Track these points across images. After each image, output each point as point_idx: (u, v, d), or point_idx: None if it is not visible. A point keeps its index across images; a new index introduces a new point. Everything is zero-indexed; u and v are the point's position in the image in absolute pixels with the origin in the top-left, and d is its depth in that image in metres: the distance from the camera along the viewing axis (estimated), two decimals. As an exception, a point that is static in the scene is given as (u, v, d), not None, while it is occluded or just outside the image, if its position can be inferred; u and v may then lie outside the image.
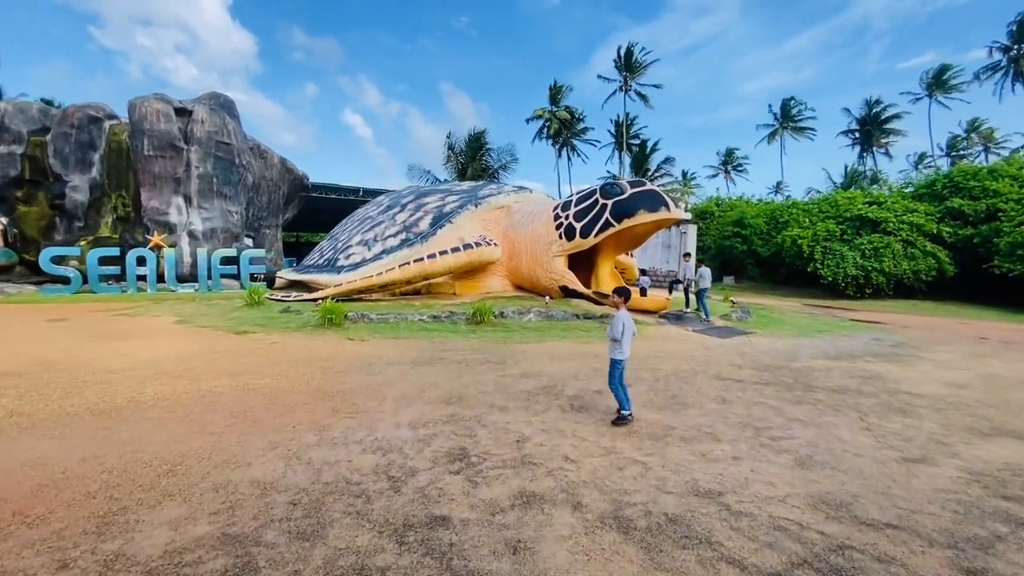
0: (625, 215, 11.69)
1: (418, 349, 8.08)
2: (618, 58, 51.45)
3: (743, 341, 9.70)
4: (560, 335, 9.59)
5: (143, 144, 16.95)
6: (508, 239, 14.49)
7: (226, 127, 18.57)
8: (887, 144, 53.52)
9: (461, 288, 14.38)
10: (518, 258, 14.21)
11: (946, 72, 53.24)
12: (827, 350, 9.14)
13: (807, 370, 7.40)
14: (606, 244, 13.07)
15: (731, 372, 7.11)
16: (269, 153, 22.52)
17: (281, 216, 25.00)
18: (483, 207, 14.74)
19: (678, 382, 6.44)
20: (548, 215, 13.44)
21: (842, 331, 11.71)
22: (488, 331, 9.74)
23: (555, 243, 12.97)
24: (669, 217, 11.46)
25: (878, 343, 10.16)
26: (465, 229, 14.34)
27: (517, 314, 11.04)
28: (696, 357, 8.08)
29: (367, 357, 7.41)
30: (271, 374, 6.28)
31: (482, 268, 14.43)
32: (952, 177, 23.07)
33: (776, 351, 8.83)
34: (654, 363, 7.55)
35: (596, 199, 12.35)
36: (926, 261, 20.42)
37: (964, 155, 57.25)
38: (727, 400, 5.68)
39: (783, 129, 58.97)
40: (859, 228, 21.98)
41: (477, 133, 35.72)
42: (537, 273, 13.56)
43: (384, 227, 15.34)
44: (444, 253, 12.73)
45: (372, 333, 9.34)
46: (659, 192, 11.70)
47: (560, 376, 6.54)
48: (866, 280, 20.68)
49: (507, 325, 10.31)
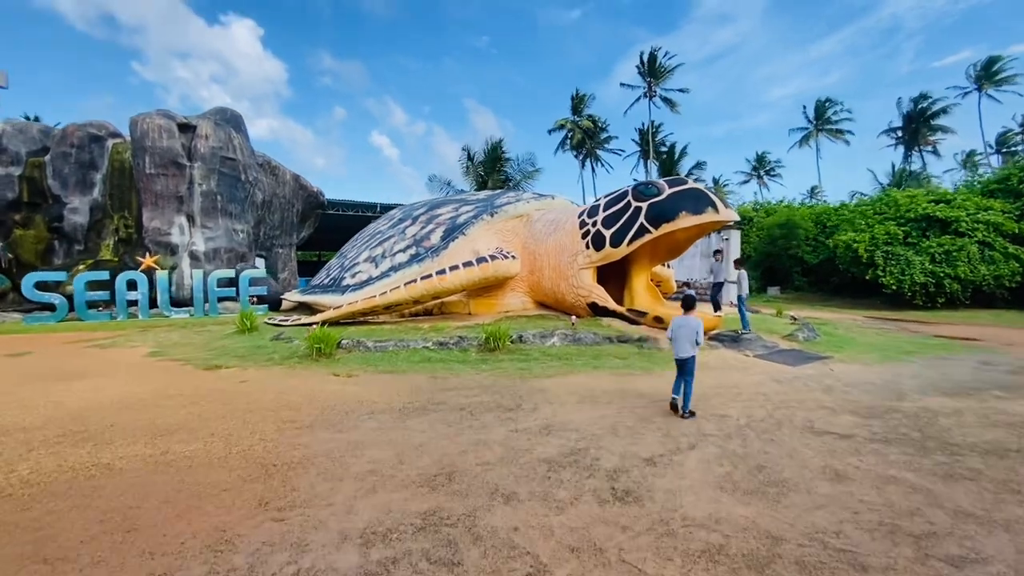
0: (663, 219, 9.96)
1: (414, 389, 6.49)
2: (641, 64, 49.92)
3: (821, 370, 7.78)
4: (590, 365, 7.88)
5: (145, 162, 16.15)
6: (528, 251, 12.91)
7: (231, 142, 17.69)
8: (935, 142, 50.05)
9: (476, 307, 12.82)
10: (540, 272, 12.58)
11: (996, 63, 49.88)
12: (935, 381, 7.15)
13: (928, 415, 5.49)
14: (641, 254, 11.33)
15: (826, 420, 5.27)
16: (281, 169, 21.67)
17: (296, 235, 24.09)
18: (499, 216, 13.22)
19: (759, 440, 4.65)
20: (573, 223, 11.81)
21: (935, 352, 9.61)
22: (503, 361, 8.11)
23: (581, 254, 11.30)
24: (718, 220, 9.65)
25: (992, 369, 8.08)
26: (480, 241, 12.83)
27: (538, 338, 9.39)
28: (770, 395, 6.24)
29: (347, 402, 5.87)
30: (209, 433, 4.78)
31: (500, 284, 12.86)
32: (1029, 170, 20.43)
33: (870, 385, 6.90)
34: (717, 406, 5.76)
35: (628, 202, 10.66)
36: (1008, 265, 17.84)
37: (1015, 151, 53.13)
38: (841, 474, 3.88)
39: (817, 132, 56.12)
40: (925, 230, 19.52)
41: (494, 143, 34.43)
42: (561, 289, 11.90)
43: (393, 242, 14.01)
44: (455, 268, 11.21)
45: (364, 366, 7.83)
46: (703, 190, 9.93)
47: (592, 432, 4.84)
48: (937, 288, 18.19)
49: (526, 352, 8.65)
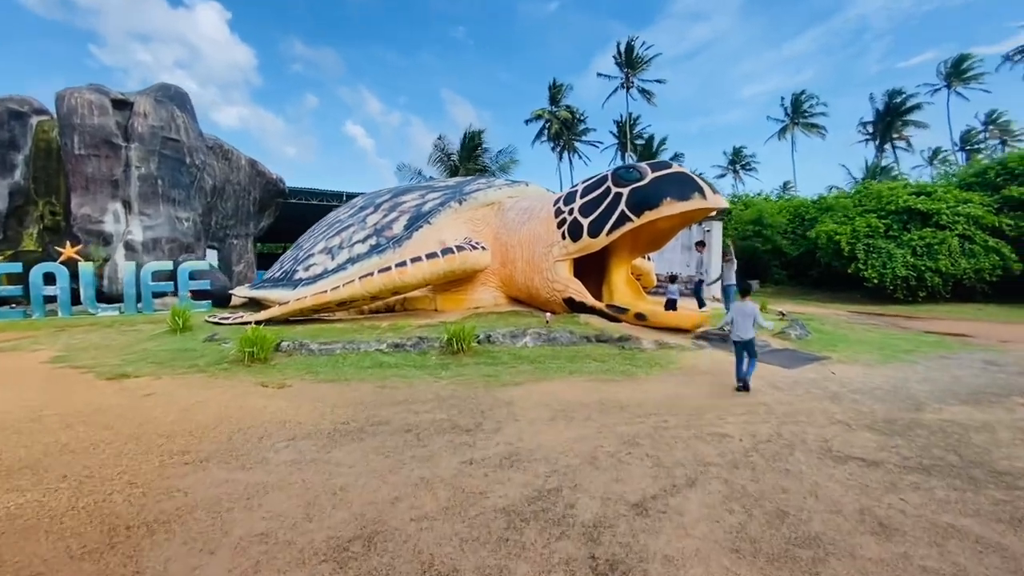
0: (646, 206, 9.05)
1: (354, 403, 5.41)
2: (618, 54, 49.17)
3: (822, 372, 6.98)
4: (565, 369, 6.91)
5: (73, 141, 14.46)
6: (500, 242, 11.89)
7: (175, 121, 16.07)
8: (908, 137, 50.79)
9: (444, 303, 11.74)
10: (512, 265, 11.58)
11: (965, 61, 50.86)
12: (947, 386, 6.41)
13: (957, 431, 4.68)
14: (621, 245, 10.45)
15: (844, 439, 4.40)
16: (234, 153, 20.07)
17: (254, 225, 22.51)
18: (469, 204, 12.13)
19: (772, 470, 3.74)
20: (548, 211, 10.83)
21: (932, 350, 8.97)
22: (467, 365, 7.08)
23: (557, 245, 10.34)
24: (706, 207, 8.78)
25: (1000, 370, 7.42)
26: (447, 231, 11.74)
27: (509, 338, 8.39)
28: (772, 406, 5.38)
29: (266, 423, 4.76)
30: (62, 474, 3.62)
31: (469, 278, 11.81)
32: (1006, 164, 20.30)
33: (879, 391, 6.11)
34: (714, 421, 4.86)
35: (608, 187, 9.72)
36: (989, 258, 17.59)
37: (979, 149, 54.39)
38: (886, 523, 2.98)
39: (794, 125, 56.34)
40: (906, 222, 19.17)
41: (473, 132, 33.09)
42: (535, 283, 10.93)
43: (352, 231, 12.79)
44: (417, 261, 10.10)
45: (303, 373, 6.70)
46: (690, 174, 9.04)
47: (567, 462, 3.86)
48: (919, 282, 17.86)
49: (494, 354, 7.64)
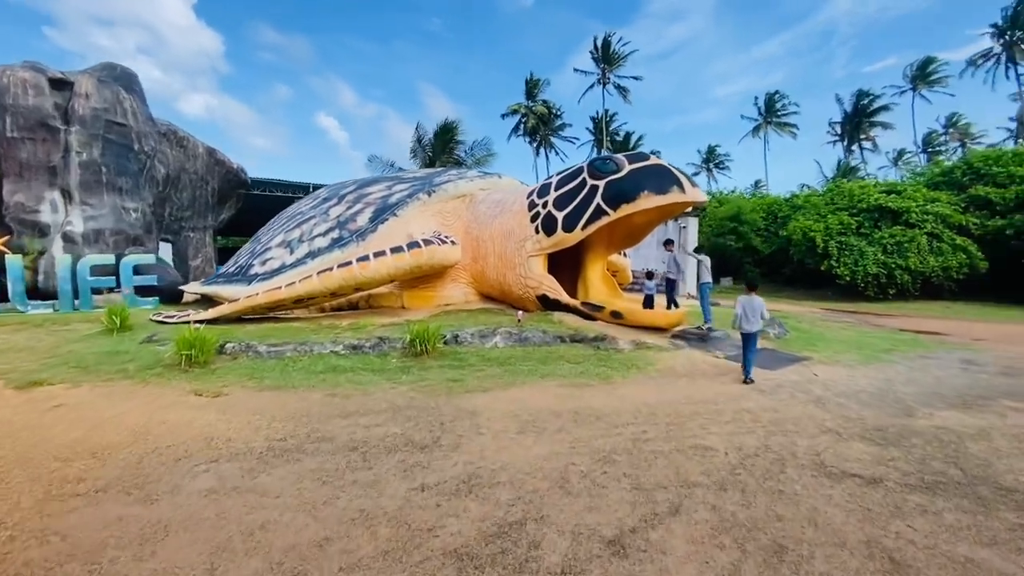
0: (623, 199, 8.63)
1: (298, 415, 4.80)
2: (595, 49, 48.87)
3: (804, 374, 6.67)
4: (537, 373, 6.42)
5: (6, 123, 13.23)
6: (471, 236, 11.33)
7: (121, 104, 14.93)
8: (874, 137, 52.06)
9: (411, 300, 11.12)
10: (484, 260, 11.04)
11: (930, 64, 52.24)
12: (932, 388, 6.17)
13: (952, 439, 4.37)
14: (596, 240, 10.03)
15: (837, 452, 4.03)
16: (191, 141, 18.91)
17: (213, 216, 21.35)
18: (438, 196, 11.52)
19: (763, 492, 3.32)
20: (521, 204, 10.32)
21: (910, 349, 8.81)
22: (430, 368, 6.52)
23: (530, 239, 9.84)
24: (684, 201, 8.41)
25: (981, 370, 7.26)
26: (415, 224, 11.11)
27: (478, 338, 7.85)
28: (757, 414, 4.99)
29: (189, 441, 4.12)
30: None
31: (438, 274, 11.22)
32: (971, 163, 20.72)
33: (865, 394, 5.81)
34: (696, 432, 4.43)
35: (583, 179, 9.27)
36: (956, 256, 17.88)
37: (940, 151, 56.22)
38: (896, 558, 2.58)
39: (767, 124, 57.11)
40: (877, 220, 19.38)
41: (447, 123, 32.25)
42: (508, 279, 10.42)
43: (313, 224, 12.04)
44: (380, 255, 9.46)
45: (245, 379, 6.03)
46: (668, 167, 8.65)
47: (534, 486, 3.36)
48: (889, 279, 18.04)
49: (461, 356, 7.10)
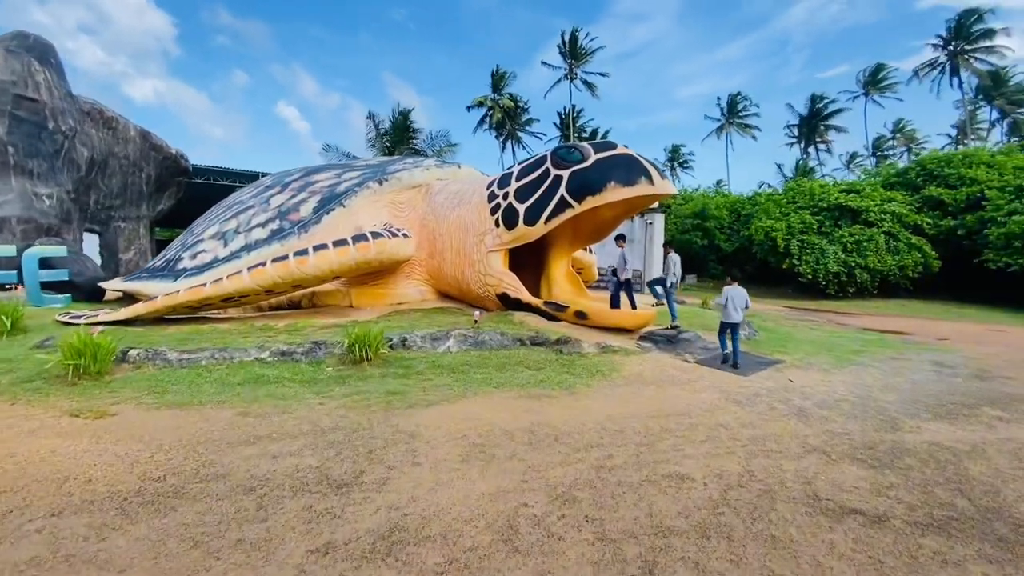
0: (588, 191, 8.01)
1: (193, 441, 3.93)
2: (563, 43, 48.35)
3: (780, 381, 6.20)
4: (492, 381, 5.71)
5: None
6: (427, 229, 10.51)
7: (33, 77, 13.28)
8: (829, 141, 53.71)
9: (360, 298, 10.21)
10: (441, 256, 10.25)
11: (882, 71, 54.17)
12: (911, 395, 5.80)
13: (949, 459, 3.92)
14: (561, 235, 9.42)
15: (831, 479, 3.49)
16: (120, 122, 17.23)
17: (148, 206, 19.64)
18: (391, 185, 10.63)
19: (754, 540, 2.71)
20: (480, 195, 9.58)
21: (880, 351, 8.57)
22: (371, 378, 5.71)
23: (490, 233, 9.12)
24: (653, 193, 7.85)
25: (954, 373, 7.00)
26: (364, 215, 10.20)
27: (429, 341, 7.07)
28: (735, 430, 4.43)
29: (41, 479, 3.21)
30: None
31: (390, 270, 10.36)
32: (925, 164, 21.25)
33: (845, 403, 5.36)
34: (669, 454, 3.83)
35: (546, 169, 8.60)
36: (912, 255, 18.23)
37: (888, 155, 58.73)
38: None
39: (729, 124, 58.12)
40: (837, 219, 19.59)
41: (403, 111, 30.97)
42: (466, 276, 9.67)
43: (252, 214, 10.93)
44: (321, 248, 8.53)
45: (144, 394, 5.07)
46: (636, 157, 8.08)
47: (473, 541, 2.65)
48: (849, 278, 18.24)
49: (408, 363, 6.31)
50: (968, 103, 45.64)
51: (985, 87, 42.92)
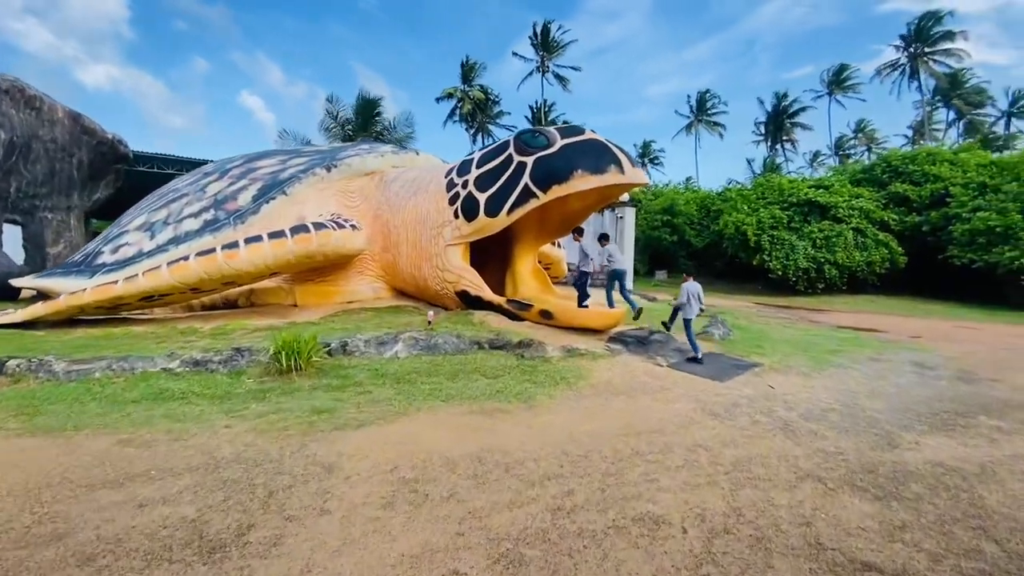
0: (554, 180, 7.33)
1: (44, 482, 3.07)
2: (535, 35, 47.56)
3: (760, 388, 5.65)
4: (441, 393, 4.98)
5: None
6: (381, 221, 9.66)
7: (-67, 46, 11.79)
8: (794, 139, 54.67)
9: (305, 296, 9.29)
10: (396, 249, 9.42)
11: (845, 71, 55.35)
12: (899, 401, 5.34)
13: (960, 484, 3.40)
14: (526, 227, 8.75)
15: (833, 520, 2.89)
16: (46, 102, 15.62)
17: (82, 195, 18.02)
18: (340, 172, 9.73)
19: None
20: (438, 183, 8.78)
21: (858, 350, 8.19)
22: (296, 393, 4.89)
23: (448, 225, 8.36)
24: (624, 182, 7.23)
25: (937, 376, 6.62)
26: (309, 205, 9.29)
27: (374, 345, 6.27)
28: (714, 450, 3.82)
29: None
30: None
31: (340, 265, 9.48)
32: (890, 161, 21.43)
33: (835, 414, 4.84)
34: (639, 485, 3.18)
35: (509, 155, 7.88)
36: (879, 251, 18.29)
37: (850, 154, 60.31)
38: None
39: (698, 122, 58.54)
40: (807, 214, 19.52)
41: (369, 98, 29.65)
42: (423, 272, 8.88)
43: (185, 203, 9.86)
44: (255, 241, 7.60)
45: (10, 417, 4.14)
46: (606, 143, 7.44)
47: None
48: (818, 274, 18.18)
49: (346, 372, 5.51)
50: (926, 104, 46.99)
51: (943, 88, 44.21)
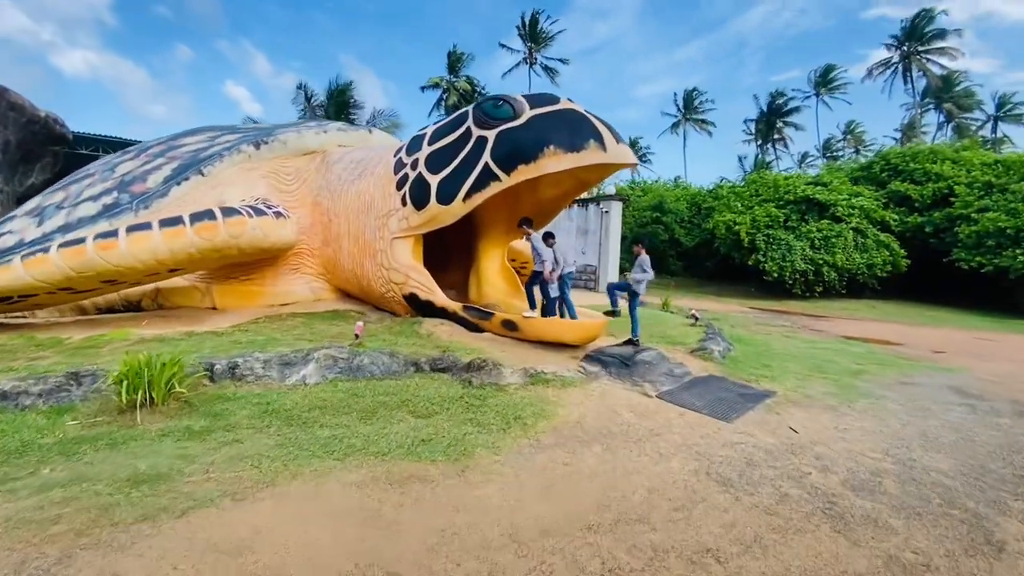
0: (520, 158, 5.90)
1: None
2: (522, 25, 46.05)
3: (780, 433, 4.25)
4: (341, 443, 3.50)
5: None
6: (321, 209, 8.16)
7: None
8: (786, 137, 53.97)
9: (225, 298, 7.74)
10: (337, 243, 7.93)
11: (832, 71, 54.76)
12: (968, 455, 3.99)
13: None
14: (493, 218, 7.39)
15: None
16: (-40, 71, 13.83)
17: (12, 179, 16.21)
18: (271, 150, 8.18)
19: None
20: (386, 164, 7.29)
21: (881, 371, 6.88)
22: (131, 444, 3.39)
23: (394, 214, 6.89)
24: (606, 162, 5.78)
25: (990, 409, 5.31)
26: (232, 188, 7.73)
27: (276, 367, 4.78)
28: (730, 560, 2.41)
29: None
30: None
31: (268, 262, 7.94)
32: (889, 159, 20.36)
33: (891, 481, 3.47)
34: None
35: (467, 129, 6.43)
36: (880, 253, 17.15)
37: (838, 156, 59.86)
38: None
39: (686, 120, 57.62)
40: (804, 213, 18.33)
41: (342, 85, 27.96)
42: (366, 270, 7.40)
43: (87, 184, 8.26)
44: (140, 229, 6.04)
45: None
46: (584, 114, 6.00)
47: None
48: (816, 276, 16.99)
49: (222, 407, 4.02)
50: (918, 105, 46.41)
51: (935, 89, 43.58)
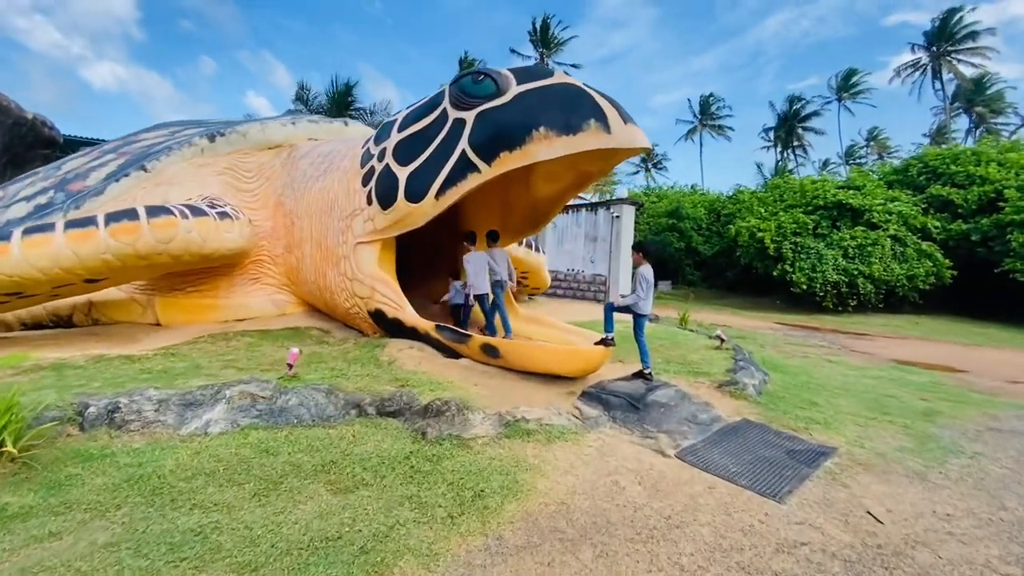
0: (504, 144, 4.72)
1: None
2: (533, 30, 45.36)
3: (855, 522, 3.00)
4: (208, 541, 2.33)
5: None
6: (284, 210, 7.10)
7: None
8: (806, 143, 52.30)
9: (169, 312, 6.67)
10: (300, 249, 6.84)
11: (853, 76, 52.97)
12: None
13: None
14: (482, 219, 6.28)
15: None
16: (-63, 69, 13.24)
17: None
18: (229, 143, 7.15)
19: None
20: (353, 157, 6.19)
21: (960, 411, 5.51)
22: None
23: (359, 214, 5.78)
24: (610, 147, 4.55)
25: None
26: (180, 186, 6.70)
27: (175, 408, 3.65)
28: None
29: None
30: None
31: (222, 270, 6.87)
32: (927, 161, 18.79)
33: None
34: None
35: (443, 111, 5.29)
36: (922, 264, 15.58)
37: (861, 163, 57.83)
38: None
39: (702, 126, 56.38)
40: (836, 219, 16.84)
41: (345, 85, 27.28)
42: (330, 281, 6.28)
43: (28, 182, 7.42)
44: (39, 231, 5.01)
45: None
46: (582, 88, 4.78)
47: None
48: (850, 288, 15.47)
49: (70, 473, 2.89)
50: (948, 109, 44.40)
51: (966, 91, 41.57)
